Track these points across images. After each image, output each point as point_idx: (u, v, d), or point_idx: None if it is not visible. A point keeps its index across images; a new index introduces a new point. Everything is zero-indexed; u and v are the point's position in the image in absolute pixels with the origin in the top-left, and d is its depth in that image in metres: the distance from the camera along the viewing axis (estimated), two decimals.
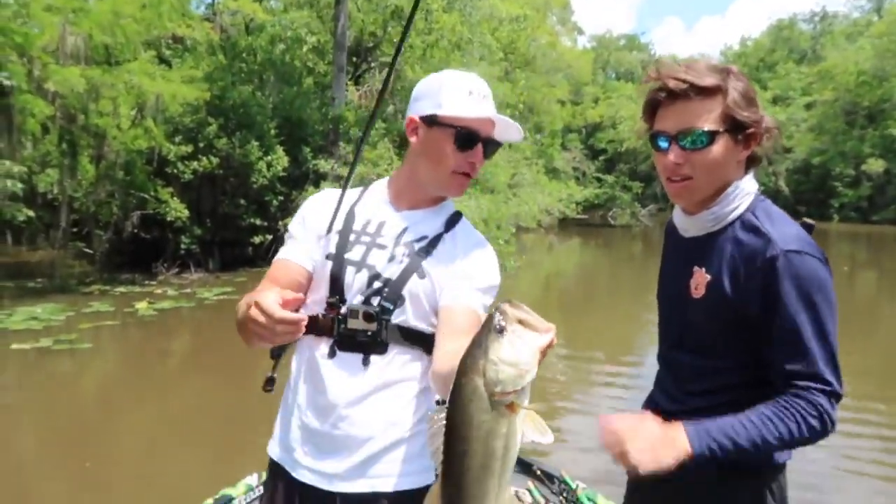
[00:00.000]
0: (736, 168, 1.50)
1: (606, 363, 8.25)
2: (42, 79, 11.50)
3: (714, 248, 1.51)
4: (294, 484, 1.58)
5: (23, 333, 8.94)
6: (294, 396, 1.62)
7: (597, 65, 46.94)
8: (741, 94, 1.45)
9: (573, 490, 3.11)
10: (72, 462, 5.19)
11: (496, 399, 0.98)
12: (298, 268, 1.60)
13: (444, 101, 1.53)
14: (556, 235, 31.02)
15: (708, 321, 1.51)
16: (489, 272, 1.59)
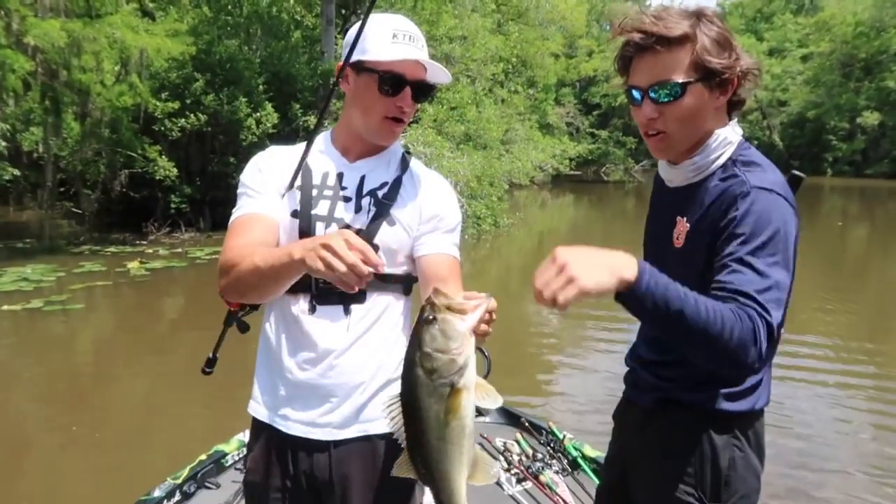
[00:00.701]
0: (715, 116, 1.46)
1: (599, 318, 8.23)
2: (21, 32, 11.13)
3: (695, 198, 1.49)
4: (285, 439, 1.60)
5: (13, 294, 8.82)
6: (273, 357, 1.61)
7: (591, 17, 46.07)
8: (713, 39, 1.40)
9: (560, 440, 3.15)
10: (66, 422, 5.15)
11: (438, 384, 1.09)
12: (272, 222, 1.56)
13: (369, 46, 1.51)
14: (550, 192, 30.93)
15: (686, 270, 1.45)
16: (452, 209, 1.66)
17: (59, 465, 4.50)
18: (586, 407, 5.35)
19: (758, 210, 1.35)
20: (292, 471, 1.60)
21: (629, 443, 1.70)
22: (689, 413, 1.54)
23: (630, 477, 1.68)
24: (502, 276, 12.07)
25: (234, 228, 1.57)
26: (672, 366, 1.56)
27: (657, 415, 1.60)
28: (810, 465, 4.37)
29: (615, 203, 28.95)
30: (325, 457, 1.58)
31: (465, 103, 17.15)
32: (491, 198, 15.53)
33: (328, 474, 1.58)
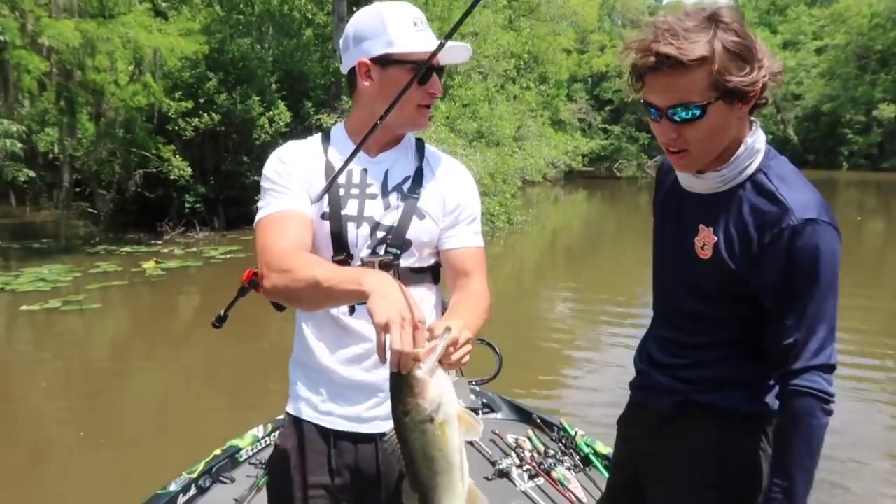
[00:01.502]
0: (738, 125, 1.40)
1: (613, 314, 8.21)
2: (36, 33, 11.23)
3: (722, 209, 1.44)
4: (327, 433, 1.59)
5: (31, 295, 8.92)
6: (314, 357, 1.59)
7: (603, 11, 45.82)
8: (732, 54, 1.30)
9: (572, 437, 3.14)
10: (83, 418, 5.22)
11: (417, 422, 1.17)
12: (306, 219, 1.52)
13: (395, 38, 1.49)
14: (562, 188, 30.82)
15: (713, 284, 1.47)
16: (474, 197, 1.67)
17: (76, 460, 4.56)
18: (598, 403, 5.33)
19: (809, 250, 1.34)
20: (335, 465, 1.59)
21: (642, 447, 1.67)
22: (710, 415, 1.51)
23: (645, 482, 1.65)
24: (516, 274, 12.07)
25: (268, 226, 1.51)
26: (690, 368, 1.54)
27: (676, 418, 1.57)
28: (831, 458, 4.33)
29: (628, 199, 28.81)
30: (370, 449, 1.57)
31: (477, 100, 17.11)
32: (504, 195, 15.50)
33: (375, 467, 1.57)
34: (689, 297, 1.53)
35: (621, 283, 10.54)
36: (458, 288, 1.59)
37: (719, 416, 1.50)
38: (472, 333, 1.37)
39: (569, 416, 3.43)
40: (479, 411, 3.35)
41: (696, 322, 1.53)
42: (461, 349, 1.24)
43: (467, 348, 1.26)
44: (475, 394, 3.42)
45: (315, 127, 14.54)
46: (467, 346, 1.26)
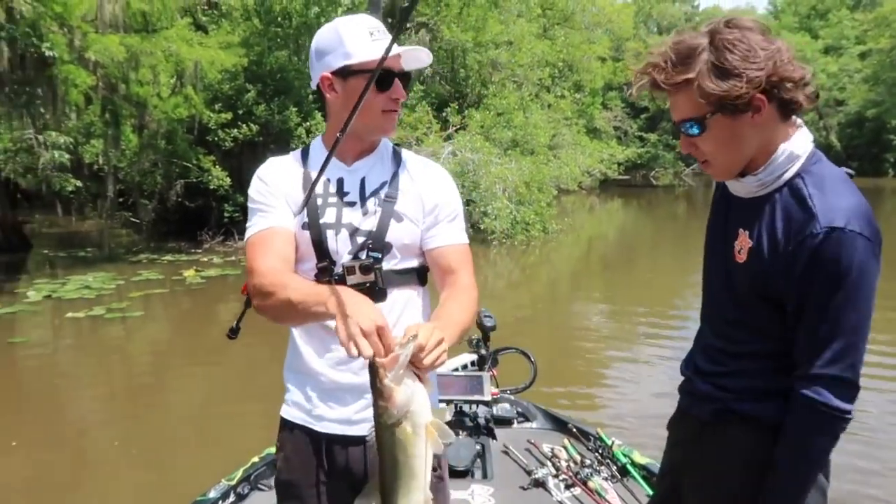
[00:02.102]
0: (761, 132, 1.40)
1: (648, 325, 8.11)
2: (82, 48, 11.57)
3: (758, 213, 1.45)
4: (319, 437, 1.64)
5: (76, 302, 9.17)
6: (304, 361, 1.65)
7: (638, 19, 45.43)
8: (712, 68, 1.35)
9: (609, 446, 3.09)
10: (125, 424, 5.33)
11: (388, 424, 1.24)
12: (288, 233, 1.60)
13: (352, 50, 1.54)
14: (598, 197, 30.58)
15: (747, 289, 1.48)
16: (452, 195, 1.69)
17: (117, 464, 4.66)
18: (635, 413, 5.27)
19: (831, 259, 1.33)
20: (328, 467, 1.65)
21: (685, 455, 1.67)
22: (749, 425, 1.51)
23: (684, 489, 1.65)
24: (552, 282, 12.00)
25: (255, 245, 1.60)
26: (730, 376, 1.54)
27: (715, 427, 1.57)
28: (872, 466, 4.25)
29: (665, 208, 28.44)
30: (359, 450, 1.61)
31: (511, 109, 17.11)
32: (539, 203, 15.44)
33: (363, 467, 1.62)
34: (729, 303, 1.54)
35: (658, 293, 10.40)
36: (447, 285, 1.63)
37: (757, 425, 1.49)
38: (457, 329, 1.47)
39: (605, 426, 3.39)
40: (515, 420, 3.33)
41: (736, 330, 1.53)
42: (433, 352, 1.26)
43: (439, 350, 1.28)
44: (510, 403, 3.40)
45: None
46: (439, 347, 1.28)
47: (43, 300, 9.41)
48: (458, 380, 3.16)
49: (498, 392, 3.35)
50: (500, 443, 3.02)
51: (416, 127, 14.99)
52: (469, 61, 17.85)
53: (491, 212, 14.06)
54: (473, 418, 3.11)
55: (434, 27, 18.12)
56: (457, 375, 3.22)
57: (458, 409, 3.14)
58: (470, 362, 3.62)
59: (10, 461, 4.63)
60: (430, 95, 16.23)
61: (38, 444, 4.96)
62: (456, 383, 3.13)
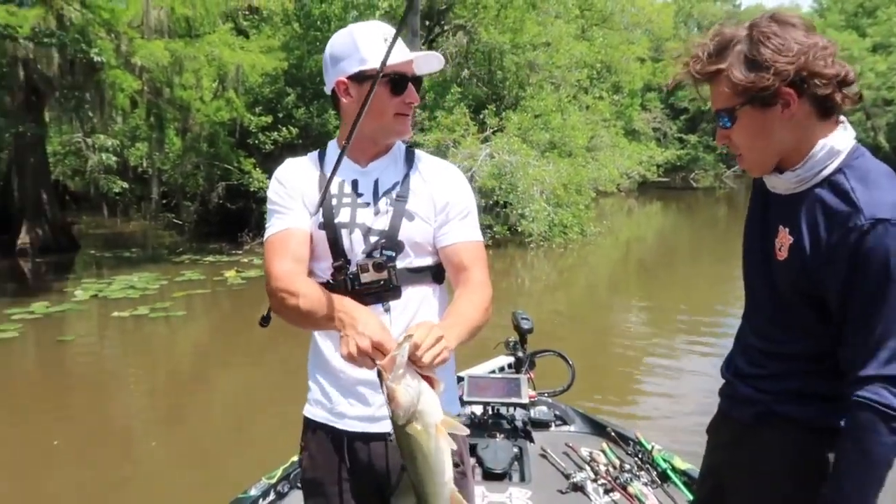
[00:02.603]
0: (795, 127, 1.39)
1: (688, 328, 7.98)
2: (129, 53, 11.88)
3: (799, 209, 1.42)
4: (341, 434, 1.67)
5: (121, 302, 9.40)
6: (325, 360, 1.69)
7: (678, 18, 44.77)
8: (743, 60, 1.37)
9: (648, 451, 3.02)
10: (167, 421, 5.45)
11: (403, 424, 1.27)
12: (304, 234, 1.64)
13: (367, 55, 1.58)
14: (636, 199, 30.21)
15: (788, 288, 1.45)
16: (463, 193, 1.71)
17: (159, 462, 4.77)
18: (676, 418, 5.20)
19: (878, 252, 1.29)
20: (351, 464, 1.67)
21: (726, 458, 1.65)
22: (792, 428, 1.48)
23: (727, 494, 1.63)
24: (590, 285, 11.90)
25: (272, 247, 1.64)
26: (772, 379, 1.51)
27: (757, 430, 1.54)
28: None
29: (705, 210, 27.97)
30: (381, 446, 1.64)
31: (549, 111, 17.01)
32: (577, 206, 15.32)
33: (385, 463, 1.64)
34: (770, 303, 1.52)
35: (698, 296, 10.24)
36: (460, 283, 1.65)
37: (800, 428, 1.47)
38: (468, 325, 1.50)
39: (645, 430, 3.34)
40: (552, 423, 3.30)
41: (778, 330, 1.51)
42: (430, 350, 1.29)
43: (438, 347, 1.31)
44: (548, 406, 3.38)
45: None
46: (439, 345, 1.31)
47: (90, 299, 9.68)
48: (495, 382, 3.14)
49: (535, 395, 3.32)
50: (538, 446, 3.00)
51: (454, 129, 15.00)
52: (506, 63, 17.78)
53: (528, 214, 14.00)
54: (510, 421, 3.09)
55: (471, 29, 18.11)
56: (493, 377, 3.21)
57: (495, 411, 3.12)
58: (507, 365, 3.61)
59: (56, 458, 4.76)
60: (468, 98, 16.21)
61: (84, 440, 5.10)
62: (493, 385, 3.12)
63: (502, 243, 14.39)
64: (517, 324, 3.39)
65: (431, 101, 15.97)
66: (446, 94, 15.92)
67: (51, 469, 4.58)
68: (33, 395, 6.23)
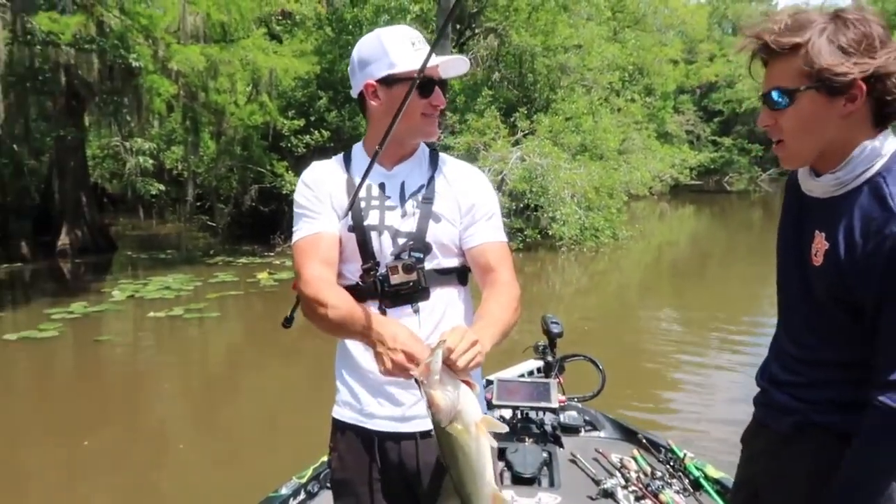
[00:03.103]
0: (848, 126, 1.34)
1: (722, 334, 7.85)
2: (166, 59, 12.11)
3: (836, 213, 1.38)
4: (370, 434, 1.68)
5: (156, 302, 9.58)
6: (354, 361, 1.70)
7: (712, 19, 44.18)
8: (832, 44, 1.29)
9: (681, 459, 2.97)
10: (202, 421, 5.52)
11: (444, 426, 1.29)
12: (333, 238, 1.66)
13: (396, 59, 1.61)
14: (668, 202, 29.87)
15: (824, 294, 1.41)
16: (488, 195, 1.74)
17: (192, 460, 4.83)
18: (708, 426, 5.12)
19: None
20: (381, 464, 1.68)
21: (761, 468, 1.61)
22: (830, 438, 1.44)
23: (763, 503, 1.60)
24: (622, 290, 11.79)
25: (302, 250, 1.65)
26: (808, 387, 1.48)
27: (795, 439, 1.50)
28: None
29: (739, 214, 27.51)
30: (412, 445, 1.65)
31: (580, 113, 16.92)
32: (610, 210, 15.19)
33: (416, 462, 1.65)
34: (806, 309, 1.48)
35: (732, 302, 10.07)
36: (487, 284, 1.66)
37: (838, 438, 1.42)
38: (500, 327, 1.51)
39: (676, 438, 3.29)
40: (582, 428, 3.28)
41: (813, 337, 1.47)
42: (465, 354, 1.30)
43: (473, 351, 1.32)
44: (577, 411, 3.35)
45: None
46: (473, 349, 1.32)
47: (126, 300, 9.87)
48: (525, 386, 3.12)
49: (565, 399, 3.30)
50: (568, 451, 2.97)
51: (484, 132, 14.99)
52: (537, 66, 17.72)
53: (559, 217, 13.93)
54: (540, 425, 3.07)
55: (502, 32, 18.10)
56: (523, 381, 3.19)
57: (525, 415, 3.11)
58: (536, 369, 3.58)
59: (90, 456, 4.86)
60: (499, 100, 16.18)
61: (118, 438, 5.19)
62: (522, 389, 3.10)
63: (533, 247, 14.33)
64: (547, 328, 3.36)
65: (462, 105, 15.99)
66: (477, 97, 15.93)
67: (85, 468, 4.68)
68: (70, 394, 6.37)
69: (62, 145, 13.75)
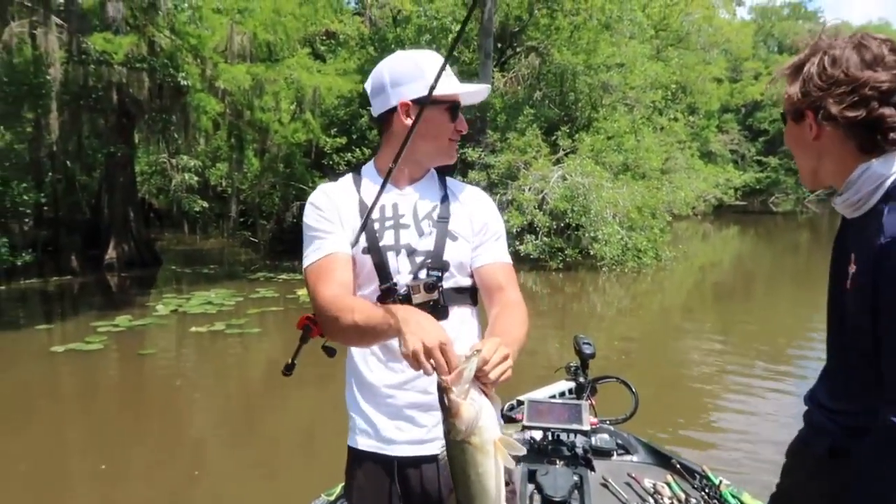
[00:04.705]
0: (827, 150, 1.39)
1: (765, 361, 7.58)
2: (213, 77, 12.38)
3: (858, 235, 1.37)
4: (390, 461, 1.64)
5: (199, 317, 9.69)
6: (369, 386, 1.68)
7: (758, 38, 43.59)
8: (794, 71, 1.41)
9: (716, 486, 2.86)
10: (238, 437, 5.53)
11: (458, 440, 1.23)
12: (347, 258, 1.63)
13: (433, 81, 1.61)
14: (711, 223, 29.35)
15: (851, 318, 1.38)
16: (496, 217, 1.76)
17: (228, 473, 4.85)
18: (746, 454, 4.92)
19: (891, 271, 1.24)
20: (402, 491, 1.64)
21: (800, 485, 1.58)
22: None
23: None
24: (664, 312, 11.55)
25: (316, 273, 1.62)
26: (847, 413, 1.44)
27: (830, 462, 1.46)
28: None
29: (785, 236, 26.84)
30: (433, 468, 1.61)
31: (622, 132, 16.76)
32: (653, 230, 14.96)
33: (437, 486, 1.61)
34: (843, 334, 1.46)
35: (777, 327, 9.77)
36: (496, 302, 1.65)
37: None
38: (517, 345, 1.48)
39: (712, 465, 3.16)
40: (615, 452, 3.17)
41: (851, 362, 1.43)
42: (498, 367, 1.27)
43: (505, 365, 1.28)
44: (610, 434, 3.25)
45: (460, 160, 14.86)
46: (505, 362, 1.29)
47: (170, 314, 10.01)
48: (555, 407, 3.03)
49: (597, 422, 3.21)
50: (599, 475, 2.88)
51: (525, 151, 14.94)
52: (579, 84, 17.65)
53: (601, 237, 13.75)
54: (571, 448, 2.98)
55: (544, 51, 18.09)
56: (554, 402, 3.10)
57: (556, 437, 3.03)
58: (567, 390, 3.50)
59: (131, 468, 4.89)
60: (540, 119, 16.13)
61: (157, 449, 5.25)
62: (553, 411, 3.01)
63: (573, 266, 14.16)
64: (579, 348, 3.29)
65: (503, 123, 15.97)
66: (518, 116, 15.90)
67: (125, 478, 4.71)
68: (112, 406, 6.45)
69: (112, 161, 14.13)
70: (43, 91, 11.85)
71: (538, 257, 13.91)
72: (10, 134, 13.19)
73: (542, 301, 11.04)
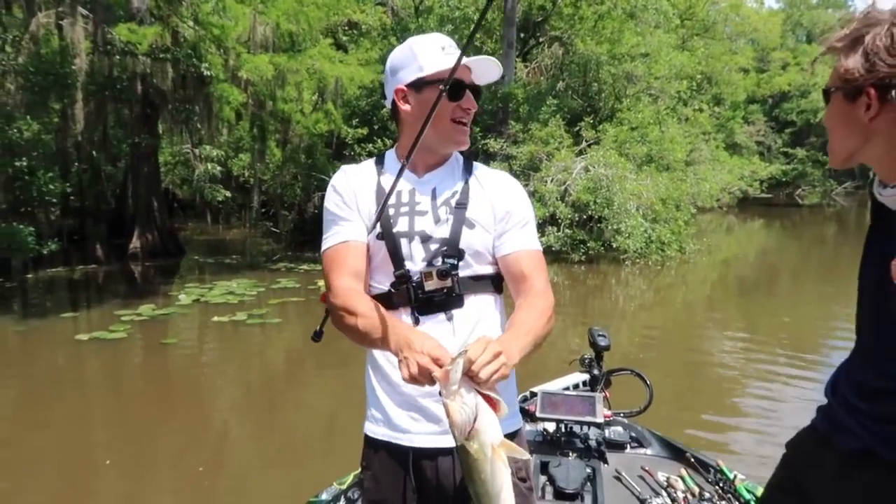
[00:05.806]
0: (880, 134, 1.29)
1: (787, 357, 7.44)
2: (236, 68, 12.42)
3: None
4: (406, 451, 1.62)
5: (221, 307, 9.76)
6: (386, 375, 1.66)
7: (786, 27, 42.79)
8: (852, 44, 1.28)
9: (731, 480, 2.80)
10: (259, 426, 5.57)
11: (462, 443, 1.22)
12: (361, 246, 1.63)
13: (424, 63, 1.60)
14: (736, 216, 28.95)
15: None
16: (522, 203, 1.69)
17: (248, 460, 4.89)
18: (763, 449, 4.84)
19: None
20: (417, 483, 1.62)
21: (819, 483, 1.50)
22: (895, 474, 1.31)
23: None
24: (686, 305, 11.42)
25: (330, 260, 1.63)
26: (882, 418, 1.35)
27: (857, 466, 1.39)
28: None
29: (812, 229, 26.36)
30: (448, 461, 1.60)
31: (647, 123, 16.55)
32: (677, 222, 14.78)
33: (453, 479, 1.59)
34: (883, 331, 1.36)
35: (801, 322, 9.60)
36: (520, 292, 1.61)
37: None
38: (530, 337, 1.43)
39: (731, 460, 3.09)
40: (628, 445, 3.12)
41: (890, 363, 1.35)
42: (488, 366, 1.23)
43: (497, 363, 1.24)
44: (623, 426, 3.20)
45: (482, 151, 14.78)
46: (497, 360, 1.24)
47: (192, 304, 10.09)
48: (569, 399, 3.00)
49: (611, 414, 3.17)
50: (612, 467, 2.85)
51: (548, 142, 14.81)
52: (603, 74, 17.43)
53: (624, 229, 13.62)
54: (584, 440, 2.96)
55: (567, 41, 17.90)
56: (567, 394, 3.06)
57: (569, 429, 2.99)
58: (581, 382, 3.46)
59: (154, 455, 4.94)
60: (563, 110, 15.97)
61: (179, 436, 5.30)
62: (567, 403, 2.98)
63: (596, 259, 14.04)
64: (593, 340, 3.25)
65: (526, 114, 15.85)
66: (541, 107, 15.77)
67: (152, 466, 4.75)
68: (135, 393, 6.52)
69: (137, 152, 14.25)
70: (69, 81, 11.97)
71: (560, 249, 13.82)
72: (38, 124, 13.33)
73: (563, 293, 10.95)
